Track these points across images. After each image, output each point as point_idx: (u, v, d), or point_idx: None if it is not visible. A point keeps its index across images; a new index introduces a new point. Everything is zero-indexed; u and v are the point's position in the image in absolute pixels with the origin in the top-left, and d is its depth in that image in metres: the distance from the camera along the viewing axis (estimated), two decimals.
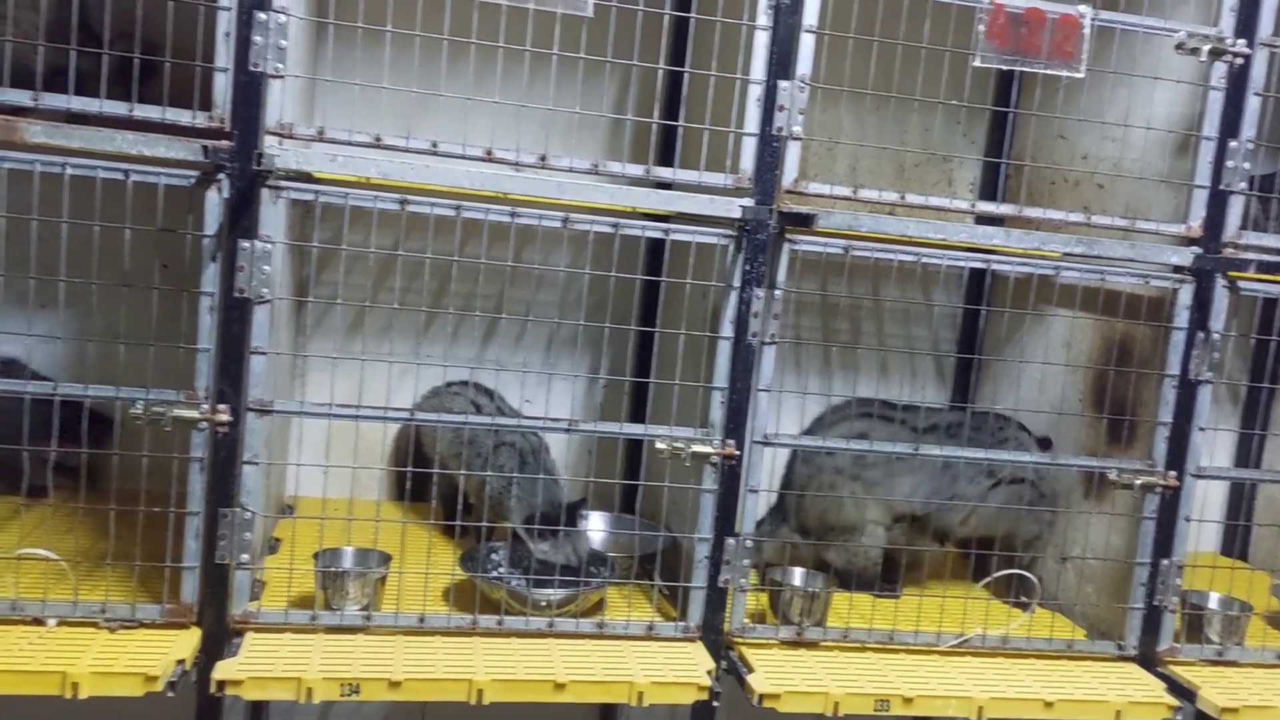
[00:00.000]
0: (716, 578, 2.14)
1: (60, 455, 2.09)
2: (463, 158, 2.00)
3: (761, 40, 2.03)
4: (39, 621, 1.91)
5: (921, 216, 2.19)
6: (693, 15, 2.25)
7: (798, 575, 2.32)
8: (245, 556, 1.96)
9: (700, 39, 2.19)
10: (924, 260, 2.17)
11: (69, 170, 1.84)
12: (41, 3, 2.02)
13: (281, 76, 1.90)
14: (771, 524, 2.52)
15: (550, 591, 2.13)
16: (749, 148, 2.05)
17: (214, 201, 1.89)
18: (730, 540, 2.13)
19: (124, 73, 1.95)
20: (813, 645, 2.21)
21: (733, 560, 2.14)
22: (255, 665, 1.85)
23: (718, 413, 2.10)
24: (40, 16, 2.02)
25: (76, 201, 1.89)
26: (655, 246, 2.68)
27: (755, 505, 2.15)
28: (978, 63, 2.10)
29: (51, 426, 1.91)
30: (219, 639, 1.95)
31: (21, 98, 1.84)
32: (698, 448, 2.09)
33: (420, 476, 2.65)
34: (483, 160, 2.00)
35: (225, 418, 1.93)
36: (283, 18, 1.87)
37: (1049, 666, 2.26)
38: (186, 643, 1.90)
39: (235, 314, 1.92)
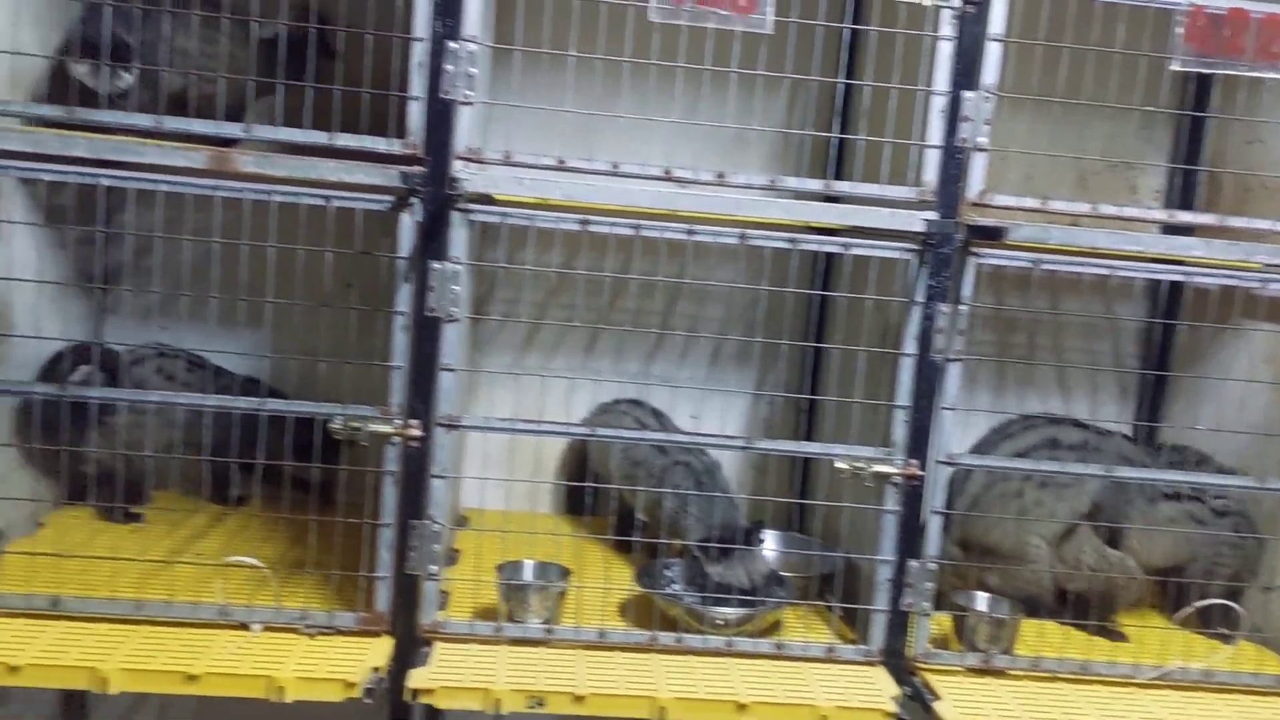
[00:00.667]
0: (898, 601, 2.09)
1: (294, 469, 2.20)
2: (641, 177, 2.02)
3: (945, 50, 1.98)
4: (244, 626, 2.00)
5: (1112, 227, 2.10)
6: (873, 28, 2.22)
7: (982, 600, 2.24)
8: (434, 568, 2.02)
9: (881, 51, 2.16)
10: (1119, 274, 2.08)
11: (276, 198, 1.94)
12: (252, 40, 2.14)
13: (471, 103, 1.95)
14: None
15: (728, 610, 2.12)
16: (932, 160, 2.01)
17: (408, 225, 1.95)
18: (913, 563, 2.08)
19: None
20: (1000, 674, 2.13)
21: (915, 583, 2.09)
22: (446, 675, 1.90)
23: (900, 432, 2.06)
24: (250, 52, 2.15)
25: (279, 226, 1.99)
26: (826, 260, 2.65)
27: (939, 527, 2.09)
28: (1176, 66, 2.01)
29: (256, 439, 2.02)
30: (410, 647, 2.01)
31: (234, 130, 1.95)
32: (879, 467, 2.05)
33: (590, 491, 2.68)
34: (661, 179, 2.02)
35: (416, 432, 1.99)
36: (472, 46, 1.93)
37: (1256, 703, 2.12)
38: (380, 650, 1.96)
39: (426, 332, 1.98)
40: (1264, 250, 2.09)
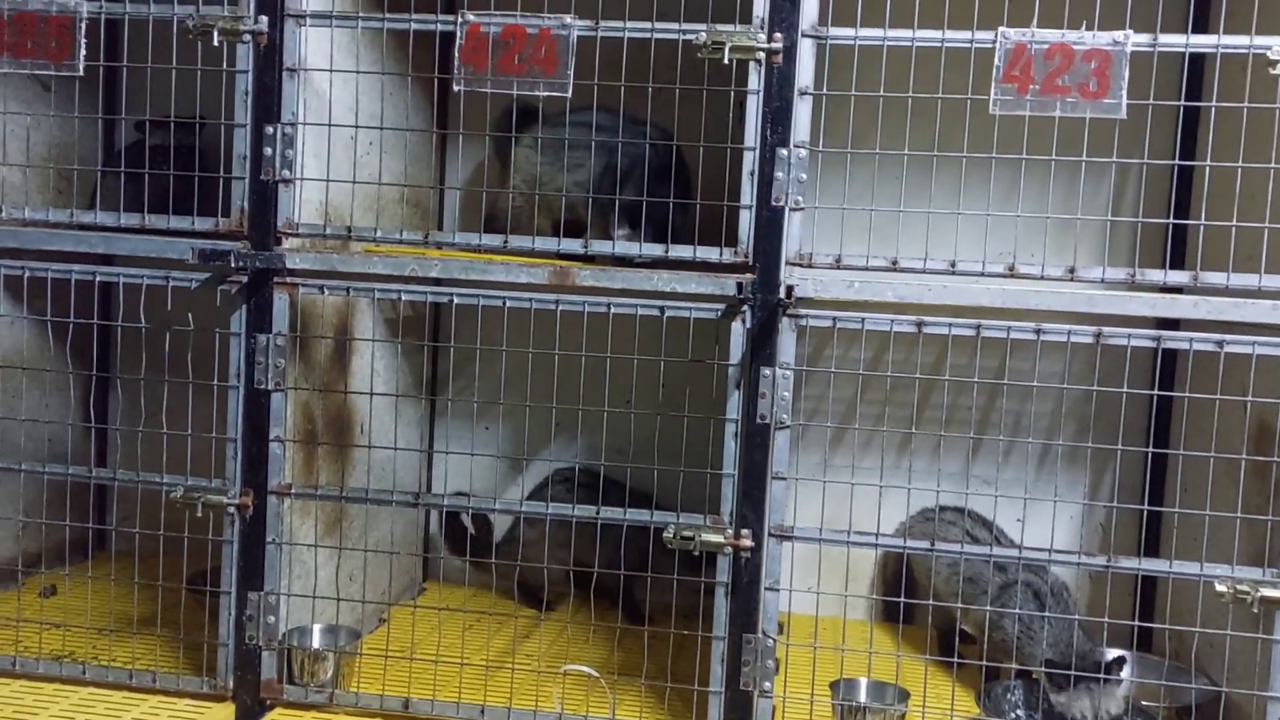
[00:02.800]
0: None
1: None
2: (983, 274, 1.92)
3: None
4: None
5: None
6: (1214, 104, 2.05)
7: None
8: (767, 684, 1.95)
9: (1222, 126, 1.98)
10: None
11: (613, 309, 1.98)
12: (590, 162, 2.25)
13: (801, 209, 1.94)
14: None
15: None
16: None
17: (738, 332, 1.95)
18: None
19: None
20: None
21: None
22: None
23: None
24: (589, 173, 2.25)
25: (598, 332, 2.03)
26: (1174, 357, 2.43)
27: None
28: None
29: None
30: None
31: (573, 246, 2.02)
32: (1269, 591, 1.82)
33: (914, 604, 2.54)
34: (1004, 276, 1.91)
35: (748, 543, 1.95)
36: (803, 152, 1.92)
37: None
38: None
39: (757, 439, 1.95)
40: None
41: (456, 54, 1.94)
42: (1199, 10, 2.34)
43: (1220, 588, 1.84)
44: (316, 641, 2.15)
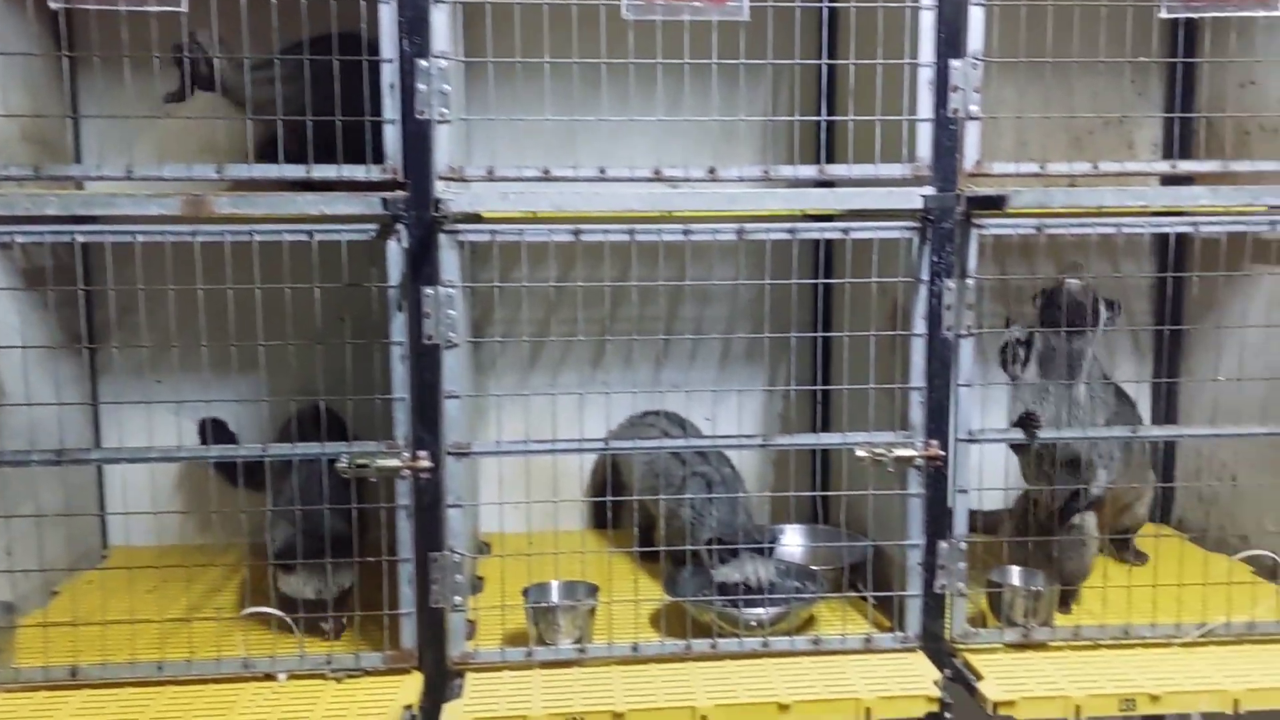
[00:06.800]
0: (932, 584, 2.05)
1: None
2: (631, 180, 1.97)
3: (928, 20, 1.94)
4: (270, 677, 1.96)
5: (1115, 184, 2.06)
6: (852, 4, 2.17)
7: (1016, 574, 2.19)
8: (458, 599, 1.97)
9: (862, 27, 2.11)
10: (1124, 230, 2.03)
11: (256, 237, 1.89)
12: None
13: (448, 121, 1.91)
14: None
15: (760, 611, 2.08)
16: (924, 133, 1.96)
17: (395, 252, 1.91)
18: (943, 544, 2.04)
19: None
20: (1041, 647, 2.09)
21: (948, 565, 2.04)
22: (480, 705, 1.86)
23: (918, 413, 2.01)
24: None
25: (263, 266, 1.94)
26: (830, 249, 2.60)
27: (966, 506, 2.05)
28: (1164, 14, 1.96)
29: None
30: (440, 681, 1.97)
31: (207, 171, 1.90)
32: (900, 451, 2.00)
33: (614, 505, 2.63)
34: (652, 180, 1.97)
35: (426, 464, 1.94)
36: (443, 63, 1.88)
37: None
38: (411, 687, 1.92)
39: (426, 360, 1.93)
40: (1269, 193, 2.04)
41: None
42: None
43: (860, 452, 2.01)
44: None
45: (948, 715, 1.93)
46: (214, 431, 2.34)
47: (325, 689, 1.93)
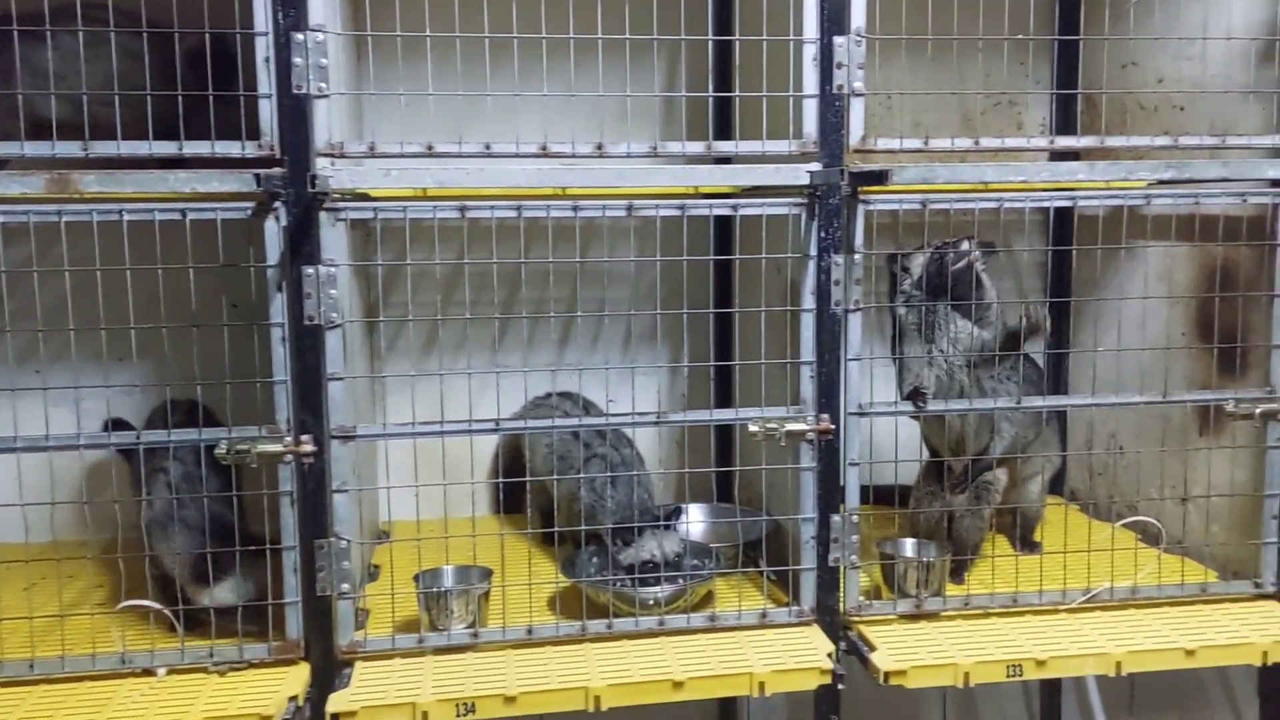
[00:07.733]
0: (826, 557, 2.06)
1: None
2: (517, 155, 1.94)
3: None
4: (149, 672, 1.90)
5: (999, 160, 2.09)
6: None
7: (909, 546, 2.22)
8: (346, 586, 1.93)
9: (750, 5, 2.11)
10: (1005, 205, 2.07)
11: (126, 216, 1.82)
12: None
13: (326, 96, 1.86)
14: None
15: (656, 589, 2.07)
16: (810, 110, 1.97)
17: (273, 230, 1.85)
18: (836, 517, 2.05)
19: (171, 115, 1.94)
20: (933, 616, 2.12)
21: (841, 538, 2.06)
22: (367, 694, 1.82)
23: (808, 388, 2.03)
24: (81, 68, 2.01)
25: (138, 248, 1.87)
26: (724, 225, 2.60)
27: (857, 479, 2.07)
28: None
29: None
30: (329, 671, 1.92)
31: (72, 149, 1.82)
32: (791, 426, 2.01)
33: (519, 490, 2.60)
34: (538, 156, 1.95)
35: (309, 448, 1.90)
36: (320, 36, 1.83)
37: (1184, 613, 2.15)
38: (297, 678, 1.87)
39: (308, 342, 1.88)
40: (1144, 168, 2.10)
41: None
42: None
43: (752, 428, 2.02)
44: None
45: (840, 687, 1.95)
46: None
47: (207, 683, 1.87)
